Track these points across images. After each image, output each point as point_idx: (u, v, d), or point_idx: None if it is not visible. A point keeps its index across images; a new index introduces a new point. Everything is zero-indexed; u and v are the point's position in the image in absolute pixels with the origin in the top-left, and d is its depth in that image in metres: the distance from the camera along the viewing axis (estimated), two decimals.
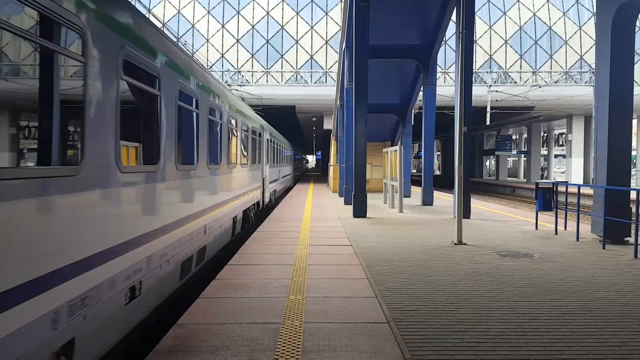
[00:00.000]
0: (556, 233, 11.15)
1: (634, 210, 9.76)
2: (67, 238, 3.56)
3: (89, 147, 3.86)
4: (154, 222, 5.42)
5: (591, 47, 41.35)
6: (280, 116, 37.99)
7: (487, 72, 43.93)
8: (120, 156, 4.47)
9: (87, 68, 3.84)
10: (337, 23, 43.96)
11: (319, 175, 61.73)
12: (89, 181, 3.87)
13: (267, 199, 17.13)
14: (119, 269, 4.39)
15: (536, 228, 11.93)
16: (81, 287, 3.70)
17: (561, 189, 19.38)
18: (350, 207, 14.88)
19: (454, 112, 13.79)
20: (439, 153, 71.08)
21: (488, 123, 35.95)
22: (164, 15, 43.94)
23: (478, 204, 18.70)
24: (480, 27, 43.66)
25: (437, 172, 66.71)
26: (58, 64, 3.47)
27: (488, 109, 34.33)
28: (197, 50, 42.64)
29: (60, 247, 3.45)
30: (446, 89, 29.34)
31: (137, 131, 5.30)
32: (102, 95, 4.14)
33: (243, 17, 45.90)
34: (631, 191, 9.58)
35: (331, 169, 29.20)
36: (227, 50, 45.29)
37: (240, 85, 36.06)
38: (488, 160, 66.08)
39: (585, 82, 40.59)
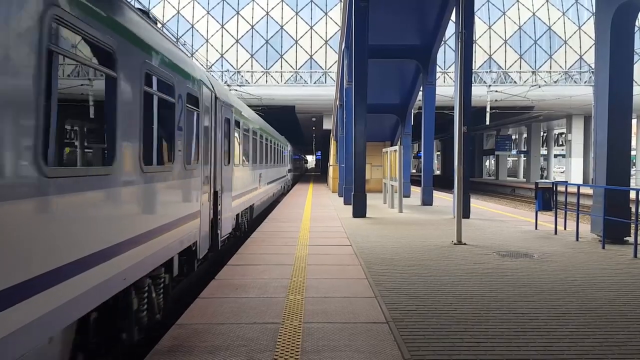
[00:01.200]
0: (556, 233, 11.14)
1: (633, 210, 9.76)
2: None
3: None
4: None
5: (591, 47, 41.35)
6: (280, 116, 38.05)
7: (487, 72, 43.93)
8: None
9: None
10: (336, 23, 43.94)
11: (319, 175, 61.74)
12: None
13: (225, 231, 9.57)
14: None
15: (536, 228, 11.93)
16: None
17: (561, 188, 19.38)
18: (350, 207, 14.88)
19: (453, 112, 13.80)
20: (439, 153, 71.11)
21: (488, 123, 35.95)
22: (163, 16, 43.93)
23: (478, 204, 18.70)
24: (479, 27, 43.65)
25: (437, 172, 66.74)
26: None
27: (488, 109, 34.33)
28: (196, 50, 42.64)
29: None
30: (446, 89, 29.32)
31: None
32: None
33: (242, 17, 45.89)
34: (631, 191, 9.58)
35: (331, 169, 29.19)
36: (227, 51, 45.29)
37: (240, 86, 36.08)
38: (488, 160, 66.11)
39: (585, 82, 40.59)
